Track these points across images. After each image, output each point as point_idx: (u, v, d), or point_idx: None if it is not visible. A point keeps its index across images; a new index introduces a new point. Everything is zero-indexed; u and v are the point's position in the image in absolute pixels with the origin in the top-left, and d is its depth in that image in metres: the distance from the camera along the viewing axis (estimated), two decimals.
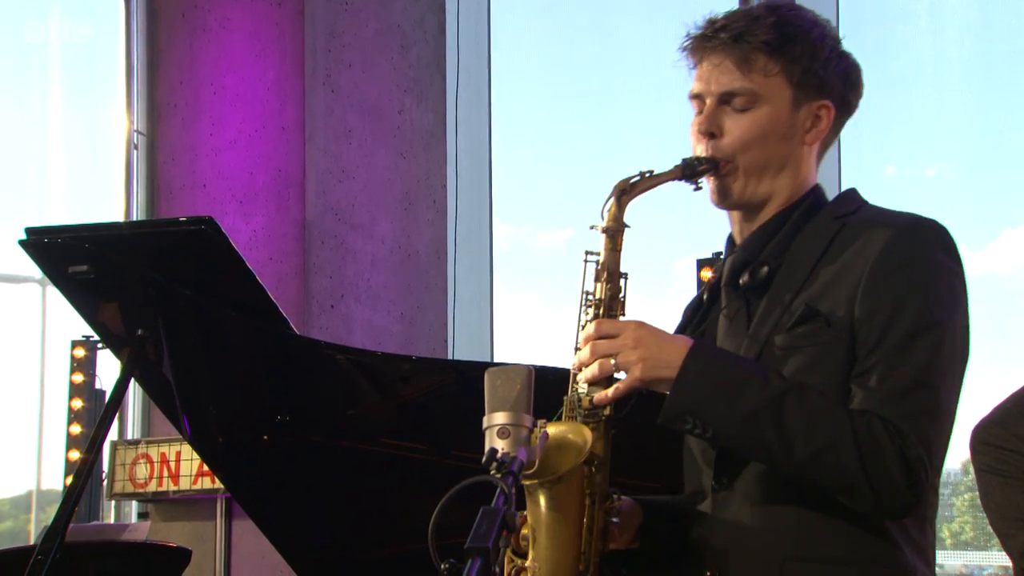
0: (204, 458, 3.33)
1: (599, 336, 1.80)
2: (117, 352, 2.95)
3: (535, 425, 1.66)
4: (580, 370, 1.83)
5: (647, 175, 1.89)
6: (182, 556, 3.51)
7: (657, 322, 1.85)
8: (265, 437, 3.08)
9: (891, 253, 1.80)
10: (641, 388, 1.79)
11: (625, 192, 1.88)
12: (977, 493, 2.67)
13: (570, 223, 6.20)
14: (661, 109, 6.06)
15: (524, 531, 1.80)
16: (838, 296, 1.81)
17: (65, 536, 2.62)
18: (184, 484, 5.11)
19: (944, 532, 5.75)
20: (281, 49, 5.10)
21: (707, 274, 4.96)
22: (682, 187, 1.93)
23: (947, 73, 5.30)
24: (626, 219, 1.89)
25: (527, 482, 1.74)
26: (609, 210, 1.88)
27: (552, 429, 1.77)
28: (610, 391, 1.80)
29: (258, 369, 3.05)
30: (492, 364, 2.94)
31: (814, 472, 1.74)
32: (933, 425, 1.76)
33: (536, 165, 6.39)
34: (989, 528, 3.12)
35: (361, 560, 3.19)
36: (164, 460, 5.15)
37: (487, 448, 1.61)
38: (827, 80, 1.92)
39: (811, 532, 1.80)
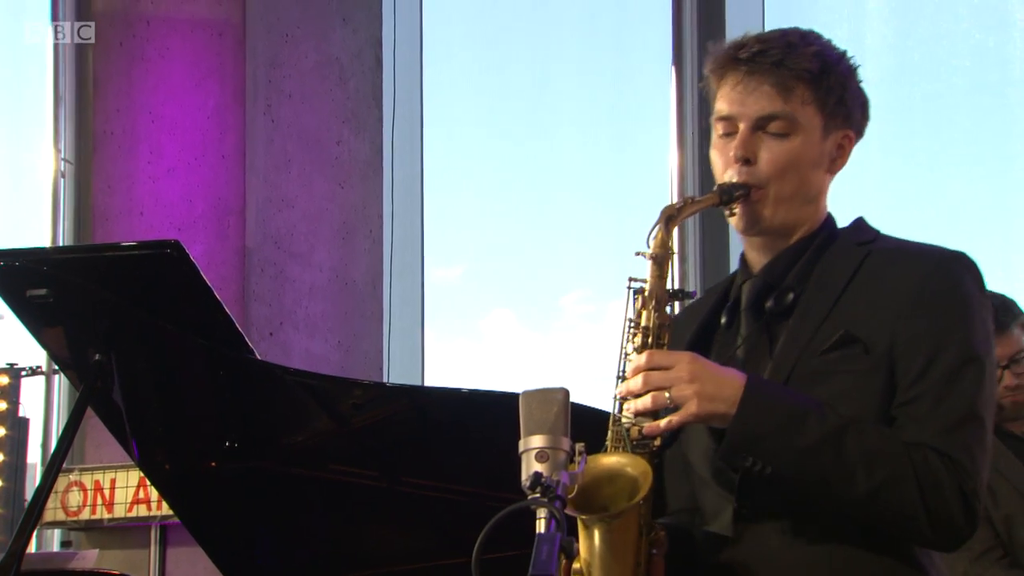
0: (152, 483, 3.24)
1: (651, 367, 1.75)
2: (74, 376, 2.86)
3: (573, 449, 1.61)
4: (626, 399, 1.77)
5: (690, 200, 1.86)
6: None
7: (542, 357, 1.83)
8: (213, 463, 3.00)
9: (929, 286, 1.78)
10: (696, 423, 1.75)
11: (672, 218, 1.84)
12: None
13: (465, 259, 6.19)
14: (593, 140, 6.09)
15: (576, 565, 1.73)
16: (875, 324, 1.78)
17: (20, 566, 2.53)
18: (119, 512, 4.96)
19: None
20: (221, 79, 5.02)
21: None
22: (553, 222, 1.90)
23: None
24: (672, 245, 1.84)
25: (584, 516, 1.67)
26: (656, 236, 1.83)
27: (609, 459, 1.72)
28: (663, 423, 1.74)
29: (212, 395, 2.98)
30: (443, 390, 2.92)
31: (874, 508, 1.71)
32: (984, 457, 1.75)
33: (468, 198, 6.38)
34: None
35: None
36: (98, 488, 5.00)
37: (525, 472, 1.56)
38: (852, 111, 1.91)
39: (844, 561, 1.76)
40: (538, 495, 1.53)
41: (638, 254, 1.86)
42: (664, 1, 5.40)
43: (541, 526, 1.50)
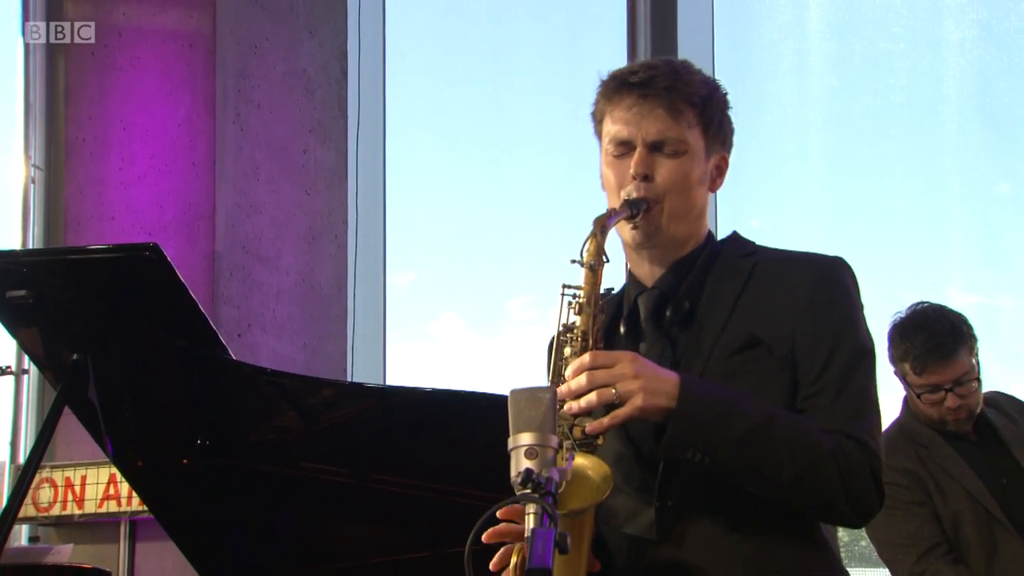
0: (126, 479, 3.21)
1: (595, 366, 1.77)
2: (51, 376, 2.83)
3: (560, 447, 1.62)
4: (565, 400, 1.79)
5: (613, 212, 1.92)
6: None
7: (489, 359, 1.84)
8: (185, 461, 2.98)
9: (820, 290, 1.89)
10: (639, 417, 1.77)
11: (605, 228, 1.88)
12: None
13: (417, 265, 6.20)
14: (548, 149, 6.11)
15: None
16: (774, 327, 1.87)
17: None
18: (89, 508, 4.92)
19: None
20: (192, 88, 5.00)
21: None
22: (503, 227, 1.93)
23: (809, 130, 5.46)
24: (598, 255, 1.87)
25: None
26: (591, 245, 1.86)
27: (574, 461, 1.73)
28: (606, 420, 1.77)
29: (185, 394, 2.97)
30: (410, 389, 2.92)
31: (799, 491, 1.77)
32: (881, 439, 1.84)
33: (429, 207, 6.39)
34: None
35: None
36: (69, 484, 4.95)
37: (515, 468, 1.56)
38: (727, 135, 2.02)
39: (765, 548, 1.82)
40: (529, 491, 1.52)
41: (573, 262, 1.90)
42: (619, 15, 5.43)
43: (531, 521, 1.49)
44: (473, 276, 6.22)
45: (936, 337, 3.09)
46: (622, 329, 2.00)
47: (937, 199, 5.56)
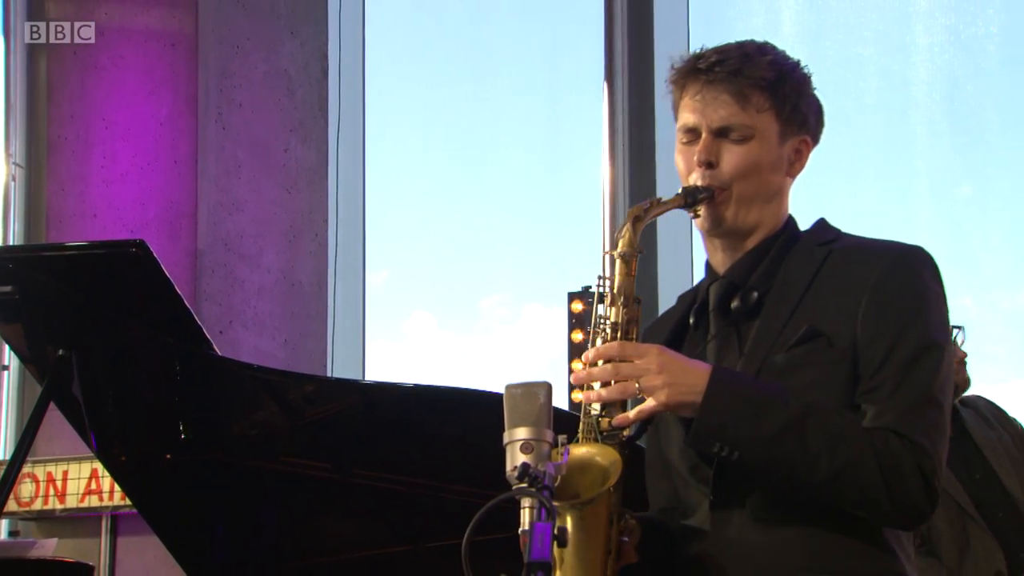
0: (110, 473, 3.18)
1: (621, 357, 1.74)
2: (36, 370, 2.80)
3: (556, 441, 1.59)
4: (583, 384, 1.76)
5: (656, 202, 1.86)
6: (86, 572, 3.36)
7: (461, 357, 1.80)
8: (168, 456, 2.96)
9: (889, 280, 1.79)
10: (664, 412, 1.74)
11: (639, 219, 1.84)
12: None
13: (391, 265, 6.19)
14: (526, 151, 6.11)
15: None
16: (838, 319, 1.78)
17: None
18: (71, 502, 4.89)
19: None
20: (174, 88, 4.98)
21: (578, 306, 5.00)
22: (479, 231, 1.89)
23: None
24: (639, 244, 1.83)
25: (558, 503, 1.63)
26: (624, 236, 1.83)
27: (579, 450, 1.70)
28: (632, 413, 1.73)
29: (169, 389, 2.94)
30: (392, 385, 2.91)
31: (837, 490, 1.70)
32: (942, 438, 1.75)
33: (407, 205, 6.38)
34: None
35: (261, 574, 3.09)
36: (51, 479, 4.92)
37: (511, 462, 1.54)
38: (808, 117, 1.91)
39: (818, 545, 1.75)
40: (526, 485, 1.50)
41: (607, 253, 1.86)
42: (596, 17, 5.43)
43: (526, 515, 1.47)
44: (445, 275, 6.22)
45: None
46: (691, 320, 1.93)
47: (906, 200, 5.60)
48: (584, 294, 4.91)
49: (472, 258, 6.18)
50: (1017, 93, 5.36)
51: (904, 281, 1.79)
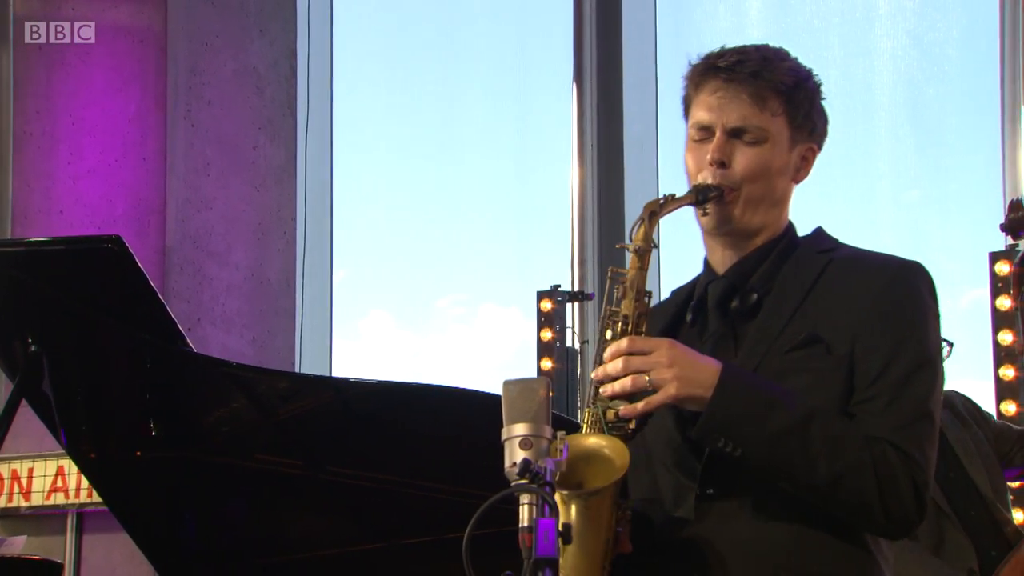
0: (80, 470, 3.13)
1: (632, 352, 1.73)
2: (7, 367, 2.74)
3: (555, 436, 1.57)
4: (602, 383, 1.75)
5: (670, 198, 1.85)
6: (54, 570, 3.31)
7: (423, 356, 1.79)
8: (139, 453, 2.91)
9: (889, 293, 1.80)
10: (673, 404, 1.73)
11: (655, 214, 1.82)
12: None
13: (348, 264, 6.16)
14: (493, 154, 6.10)
15: None
16: (836, 327, 1.79)
17: None
18: (36, 500, 4.82)
19: None
20: (143, 85, 4.93)
21: (547, 305, 4.99)
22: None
23: None
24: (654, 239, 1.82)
25: (565, 491, 1.64)
26: (639, 230, 1.82)
27: (587, 440, 1.68)
28: (640, 404, 1.72)
29: (141, 385, 2.89)
30: (366, 382, 2.88)
31: (833, 494, 1.71)
32: (934, 452, 1.76)
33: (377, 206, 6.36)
34: None
35: (232, 571, 3.06)
36: (15, 476, 4.85)
37: (510, 459, 1.52)
38: (817, 125, 1.91)
39: (803, 545, 1.75)
40: (526, 481, 1.48)
41: (620, 246, 1.84)
42: (565, 17, 5.43)
43: (526, 511, 1.45)
44: (403, 274, 6.21)
45: None
46: (688, 316, 1.93)
47: (868, 201, 5.64)
48: (553, 293, 4.90)
49: (430, 258, 6.17)
50: (977, 96, 5.41)
51: (903, 295, 1.81)
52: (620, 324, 1.80)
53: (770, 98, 1.84)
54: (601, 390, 1.75)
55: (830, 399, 1.77)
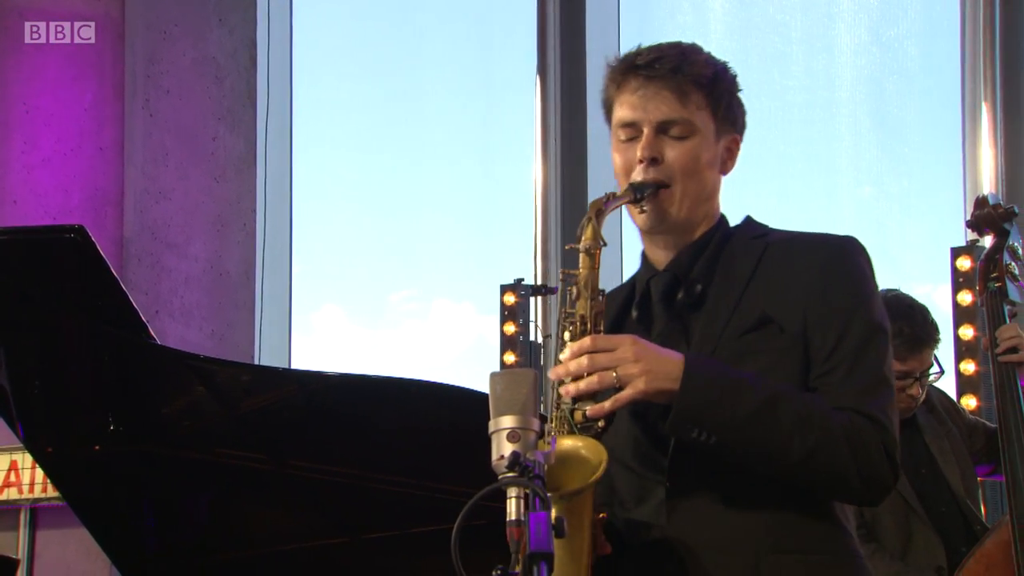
0: (39, 464, 3.08)
1: (595, 350, 1.73)
2: None
3: (543, 430, 1.56)
4: (563, 383, 1.74)
5: (611, 196, 1.86)
6: (9, 566, 3.26)
7: (372, 352, 1.77)
8: (97, 447, 2.87)
9: (832, 268, 1.84)
10: (642, 400, 1.73)
11: (600, 212, 1.83)
12: None
13: (301, 259, 6.12)
14: (461, 145, 6.08)
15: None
16: (785, 306, 1.82)
17: None
18: None
19: None
20: (100, 73, 4.84)
21: (510, 299, 4.98)
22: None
23: None
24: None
25: (548, 494, 1.61)
26: (588, 230, 1.82)
27: (564, 442, 1.66)
28: (608, 403, 1.72)
29: (101, 378, 2.84)
30: (329, 375, 2.86)
31: (809, 468, 1.73)
32: (895, 415, 1.79)
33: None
34: None
35: (194, 566, 3.02)
36: None
37: (497, 451, 1.50)
38: (738, 117, 1.94)
39: (782, 526, 1.77)
40: (515, 474, 1.46)
41: (569, 247, 1.84)
42: (529, 13, 5.42)
43: (513, 505, 1.43)
44: (355, 268, 6.19)
45: (922, 327, 3.10)
46: (634, 313, 1.93)
47: (829, 196, 5.68)
48: (516, 287, 4.89)
49: (384, 252, 6.16)
50: (938, 92, 5.46)
51: (846, 270, 1.85)
52: (578, 324, 1.80)
53: (692, 92, 1.86)
54: (564, 390, 1.74)
55: (789, 376, 1.79)
